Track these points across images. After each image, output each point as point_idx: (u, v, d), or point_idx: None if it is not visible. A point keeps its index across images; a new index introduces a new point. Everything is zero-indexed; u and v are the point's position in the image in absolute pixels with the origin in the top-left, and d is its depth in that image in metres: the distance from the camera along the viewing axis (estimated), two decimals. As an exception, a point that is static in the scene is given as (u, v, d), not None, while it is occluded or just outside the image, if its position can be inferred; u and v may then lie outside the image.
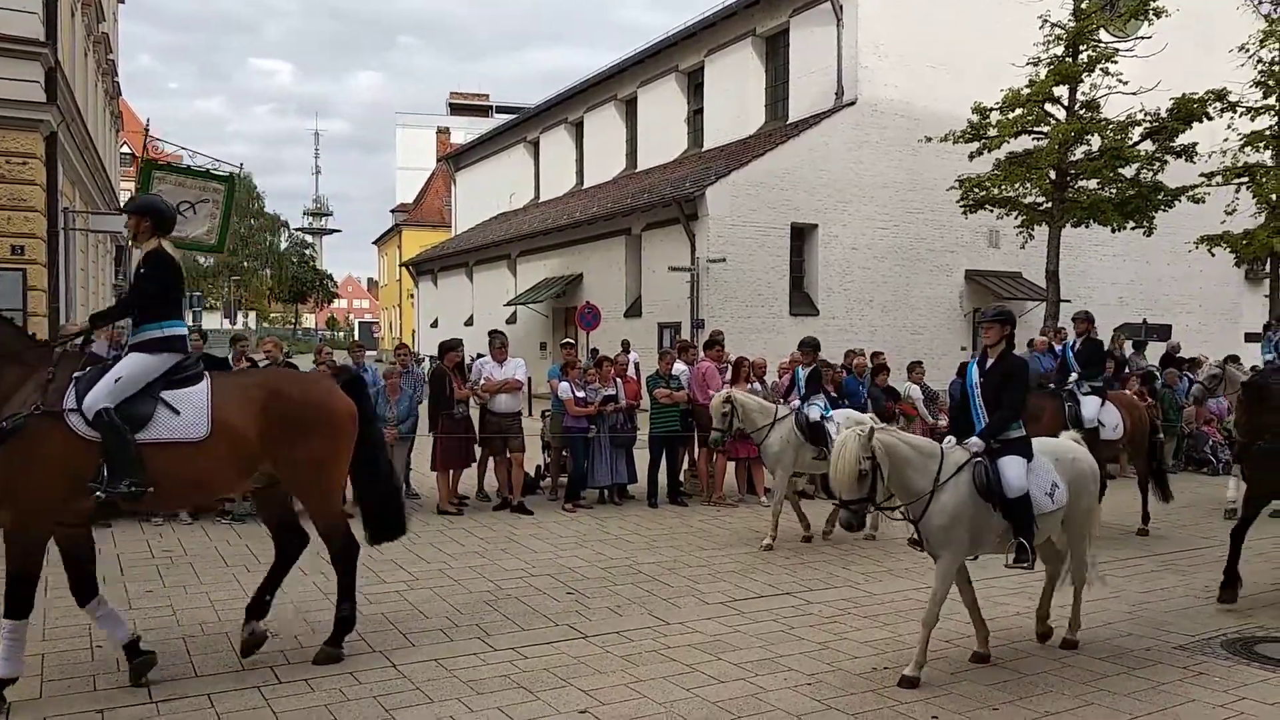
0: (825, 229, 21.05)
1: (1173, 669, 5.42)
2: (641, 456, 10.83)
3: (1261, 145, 19.58)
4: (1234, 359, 11.76)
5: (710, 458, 10.88)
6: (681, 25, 25.68)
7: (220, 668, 5.19)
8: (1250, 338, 21.22)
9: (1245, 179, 19.51)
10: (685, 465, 11.31)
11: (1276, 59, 19.79)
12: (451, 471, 10.06)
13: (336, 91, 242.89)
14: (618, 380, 10.96)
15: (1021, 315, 21.69)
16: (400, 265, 47.92)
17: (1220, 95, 17.18)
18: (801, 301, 21.11)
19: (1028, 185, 17.54)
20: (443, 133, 59.24)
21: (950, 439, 5.59)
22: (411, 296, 44.61)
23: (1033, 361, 14.25)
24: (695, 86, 26.44)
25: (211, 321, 51.90)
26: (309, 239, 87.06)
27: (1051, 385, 9.68)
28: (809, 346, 9.71)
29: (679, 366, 11.28)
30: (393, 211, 62.78)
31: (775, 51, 23.82)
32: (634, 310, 23.31)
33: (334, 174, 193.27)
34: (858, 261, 21.28)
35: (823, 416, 8.97)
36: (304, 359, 35.24)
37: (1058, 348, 11.31)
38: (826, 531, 8.98)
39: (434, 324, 37.10)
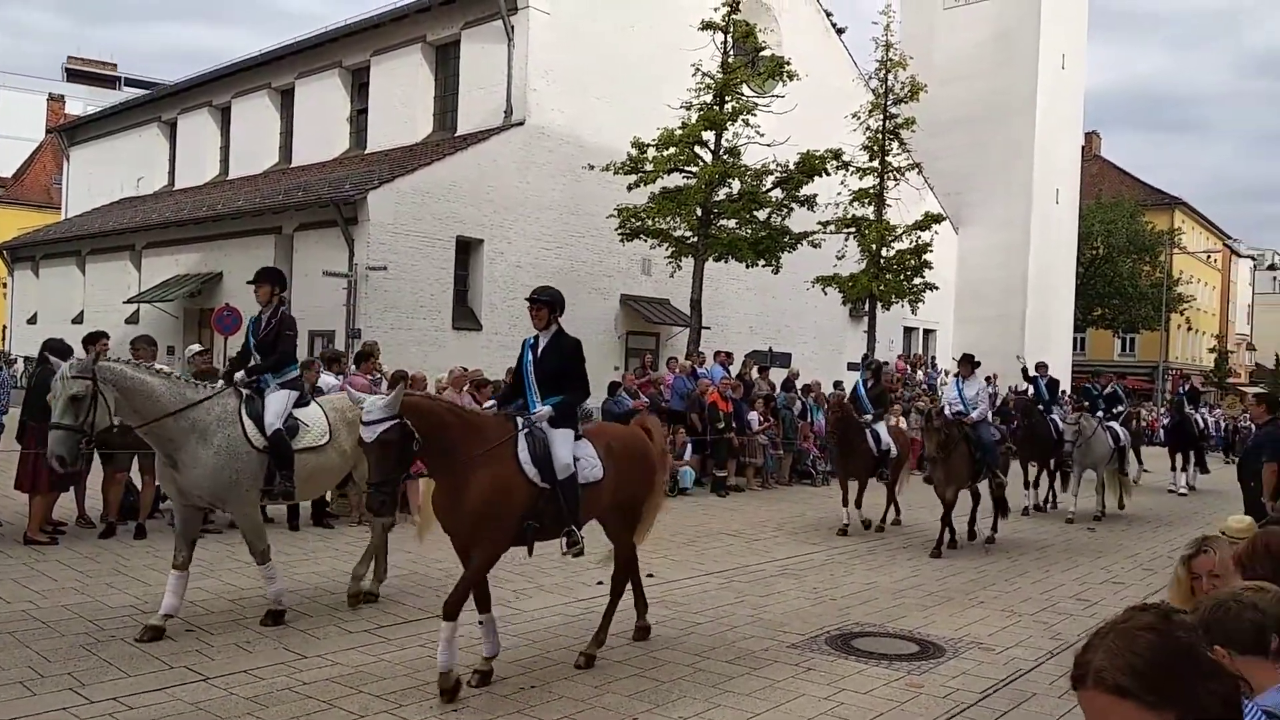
0: (491, 245, 21.09)
1: (787, 666, 5.97)
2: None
3: (866, 201, 22.91)
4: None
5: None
6: (346, 21, 24.58)
7: None
8: (851, 366, 24.64)
9: (853, 229, 22.70)
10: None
11: (880, 129, 23.28)
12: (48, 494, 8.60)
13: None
14: None
15: (668, 339, 23.31)
16: (-9, 248, 40.68)
17: (837, 155, 19.72)
18: (465, 315, 20.93)
19: (678, 219, 18.88)
20: (56, 100, 51.43)
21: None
22: (4, 286, 38.03)
23: (677, 383, 15.42)
24: (360, 86, 25.36)
25: None
26: None
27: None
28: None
29: (327, 379, 10.61)
30: (-15, 185, 53.43)
31: (446, 62, 23.54)
32: (283, 315, 21.73)
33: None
34: (522, 280, 21.50)
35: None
36: None
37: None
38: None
39: (32, 319, 31.91)
